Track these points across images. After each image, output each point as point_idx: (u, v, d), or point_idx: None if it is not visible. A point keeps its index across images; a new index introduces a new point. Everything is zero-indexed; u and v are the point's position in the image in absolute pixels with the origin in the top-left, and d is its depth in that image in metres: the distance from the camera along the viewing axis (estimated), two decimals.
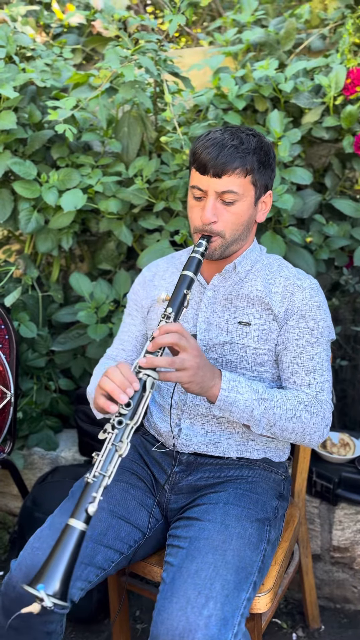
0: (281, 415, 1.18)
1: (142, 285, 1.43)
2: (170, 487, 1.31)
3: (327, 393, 1.25)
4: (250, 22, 2.15)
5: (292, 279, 1.28)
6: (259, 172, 1.21)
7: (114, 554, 1.20)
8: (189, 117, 1.91)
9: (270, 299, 1.26)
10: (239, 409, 1.16)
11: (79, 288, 1.89)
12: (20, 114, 1.89)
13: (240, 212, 1.21)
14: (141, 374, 1.08)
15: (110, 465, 1.03)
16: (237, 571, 1.08)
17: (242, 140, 1.19)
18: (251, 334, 1.27)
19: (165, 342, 1.08)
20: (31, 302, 1.99)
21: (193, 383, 1.10)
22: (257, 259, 1.32)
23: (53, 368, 2.03)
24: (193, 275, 1.16)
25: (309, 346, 1.25)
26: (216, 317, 1.30)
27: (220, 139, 1.19)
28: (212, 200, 1.19)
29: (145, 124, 1.85)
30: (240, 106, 1.84)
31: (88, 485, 1.01)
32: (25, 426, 1.96)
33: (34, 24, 2.32)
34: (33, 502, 1.77)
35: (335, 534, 1.70)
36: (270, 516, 1.24)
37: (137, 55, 1.64)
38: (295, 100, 1.83)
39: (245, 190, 1.20)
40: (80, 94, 1.86)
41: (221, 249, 1.23)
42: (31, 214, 1.87)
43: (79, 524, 0.98)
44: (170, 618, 1.01)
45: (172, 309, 1.13)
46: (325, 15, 2.12)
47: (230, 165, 1.17)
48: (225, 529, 1.14)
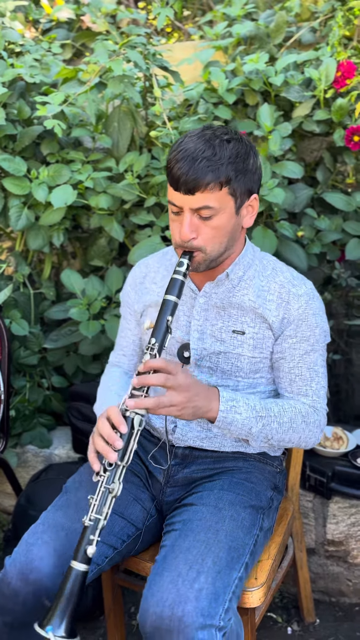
0: (278, 429, 1.21)
1: (133, 287, 1.41)
2: (166, 480, 1.31)
3: (323, 400, 1.27)
4: (241, 16, 2.14)
5: (287, 285, 1.25)
6: (237, 181, 1.14)
7: (108, 549, 1.20)
8: (179, 112, 1.90)
9: (264, 309, 1.24)
10: (238, 427, 1.18)
11: (70, 285, 1.88)
12: (9, 110, 1.88)
13: (220, 226, 1.15)
14: (129, 412, 1.10)
15: (105, 507, 1.07)
16: (229, 550, 1.10)
17: (215, 150, 1.11)
18: (246, 342, 1.25)
19: (150, 382, 1.09)
20: (23, 300, 1.97)
21: (184, 414, 1.12)
22: (249, 263, 1.28)
23: (46, 365, 2.02)
24: (176, 299, 1.14)
25: (306, 355, 1.25)
26: (209, 325, 1.27)
27: (192, 150, 1.11)
28: (188, 217, 1.13)
29: (136, 119, 1.84)
30: (230, 100, 1.83)
31: (86, 529, 1.06)
32: (18, 424, 1.95)
33: (23, 19, 2.31)
34: (27, 500, 1.76)
35: (329, 528, 1.70)
36: (264, 505, 1.26)
37: (125, 49, 1.63)
38: (285, 93, 1.83)
39: (222, 203, 1.13)
40: (69, 89, 1.84)
41: (205, 263, 1.19)
42: (21, 210, 1.86)
43: (81, 566, 1.05)
44: (160, 590, 1.02)
45: (155, 340, 1.12)
46: (316, 8, 2.12)
47: (202, 180, 1.09)
48: (219, 511, 1.17)
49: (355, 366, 2.04)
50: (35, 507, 1.71)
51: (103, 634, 1.67)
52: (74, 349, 2.00)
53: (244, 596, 1.17)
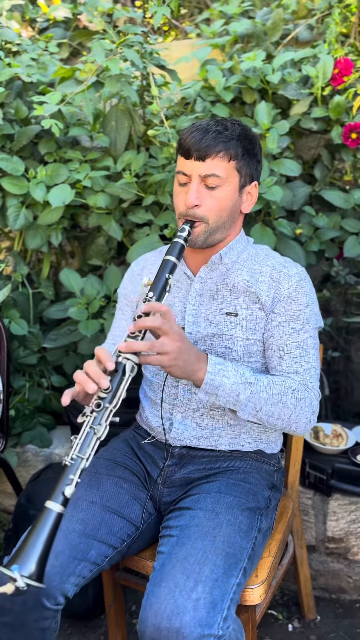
0: (267, 400, 1.17)
1: (130, 279, 1.43)
2: (163, 481, 1.31)
3: (315, 380, 1.24)
4: (237, 14, 2.14)
5: (278, 267, 1.28)
6: (243, 159, 1.23)
7: (108, 549, 1.20)
8: (177, 110, 1.90)
9: (257, 288, 1.26)
10: (225, 392, 1.15)
11: (69, 284, 1.88)
12: (7, 110, 1.88)
13: (224, 197, 1.22)
14: (121, 357, 1.08)
15: (88, 448, 1.02)
16: (227, 556, 1.09)
17: (227, 126, 1.22)
18: (239, 324, 1.27)
19: (146, 324, 1.07)
20: (22, 300, 1.97)
21: (175, 367, 1.09)
22: (243, 249, 1.32)
23: (45, 365, 2.02)
24: (175, 260, 1.16)
25: (295, 333, 1.25)
26: (203, 309, 1.29)
27: (205, 125, 1.22)
28: (195, 184, 1.21)
29: (133, 118, 1.84)
30: (227, 98, 1.83)
31: (66, 468, 1.01)
32: (18, 424, 1.95)
33: (20, 18, 2.31)
34: (27, 499, 1.76)
35: (329, 525, 1.70)
36: (262, 505, 1.25)
37: (122, 48, 1.63)
38: (283, 91, 1.83)
39: (229, 175, 1.21)
40: (66, 89, 1.84)
41: (204, 235, 1.23)
42: (19, 210, 1.86)
43: (56, 506, 0.97)
44: (158, 602, 1.01)
45: (153, 293, 1.12)
46: (312, 6, 2.11)
47: (214, 148, 1.19)
48: (216, 516, 1.15)
49: (354, 363, 2.04)
50: (36, 506, 1.71)
51: (104, 632, 1.67)
52: (73, 348, 2.00)
53: (244, 594, 1.17)
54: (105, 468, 1.31)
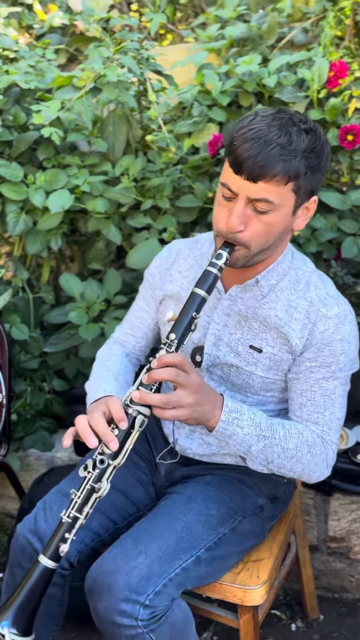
0: (280, 454, 1.10)
1: (159, 269, 1.30)
2: (165, 474, 1.33)
3: (335, 432, 1.16)
4: (233, 18, 2.15)
5: (317, 304, 1.12)
6: (305, 178, 1.01)
7: (109, 523, 1.23)
8: (174, 115, 1.91)
9: (289, 329, 1.12)
10: (237, 442, 1.09)
11: (69, 288, 1.90)
12: (5, 116, 1.89)
13: (273, 223, 1.03)
14: (131, 409, 1.02)
15: (87, 507, 1.03)
16: (180, 540, 1.11)
17: (292, 138, 0.98)
18: (261, 362, 1.16)
19: (161, 377, 1.00)
20: (22, 304, 1.99)
21: (190, 420, 1.04)
22: (285, 272, 1.15)
23: (46, 369, 2.03)
24: (205, 294, 1.03)
25: (324, 380, 1.13)
26: (227, 333, 1.18)
27: (264, 132, 0.97)
28: (241, 206, 1.01)
29: (131, 123, 1.86)
30: (224, 102, 1.84)
31: (62, 525, 1.03)
32: (20, 428, 1.96)
33: (17, 25, 2.32)
34: (30, 503, 1.77)
35: (331, 525, 1.71)
36: (246, 509, 1.23)
37: (119, 55, 1.64)
38: (279, 94, 1.84)
39: (284, 199, 1.01)
40: (64, 95, 1.86)
41: (244, 260, 1.08)
42: (19, 215, 1.87)
43: (49, 563, 1.02)
44: (104, 560, 1.08)
45: (175, 336, 1.02)
46: (307, 9, 2.13)
47: (271, 169, 0.97)
48: (188, 502, 1.18)
49: None
50: None
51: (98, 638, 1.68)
52: (74, 352, 2.02)
53: (245, 594, 1.18)
54: None
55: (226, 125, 1.89)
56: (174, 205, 1.85)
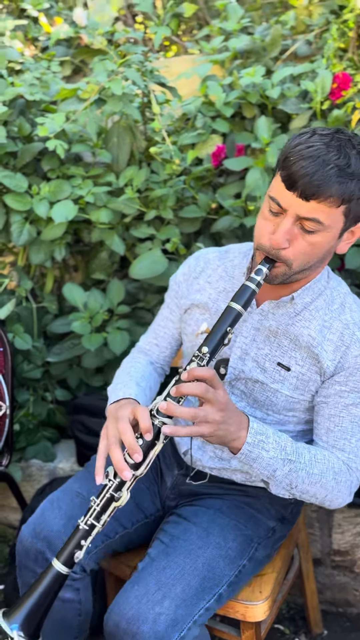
0: (305, 479, 1.08)
1: (186, 277, 1.28)
2: (172, 486, 1.31)
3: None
4: (237, 30, 2.17)
5: (352, 327, 1.10)
6: (358, 202, 0.99)
7: (119, 526, 1.22)
8: (178, 126, 1.92)
9: (321, 350, 1.10)
10: (262, 465, 1.06)
11: (72, 298, 1.90)
12: (10, 127, 1.91)
13: (319, 244, 1.01)
14: (157, 420, 1.00)
15: (105, 515, 1.01)
16: (203, 580, 1.08)
17: (350, 161, 0.95)
18: (288, 380, 1.14)
19: (190, 392, 0.98)
20: (25, 314, 1.99)
21: (214, 437, 1.01)
22: (321, 291, 1.13)
23: (49, 379, 2.03)
24: (241, 309, 1.01)
25: (353, 406, 1.11)
26: (255, 347, 1.15)
27: (323, 151, 0.95)
28: (289, 223, 0.99)
29: (135, 134, 1.87)
30: (228, 113, 1.85)
31: (78, 531, 1.01)
32: (22, 438, 1.96)
33: (23, 37, 2.35)
34: (32, 514, 1.76)
35: (335, 538, 1.69)
36: (261, 534, 1.22)
37: (123, 68, 1.65)
38: (282, 106, 1.85)
39: (333, 221, 0.99)
40: (69, 106, 1.87)
41: (283, 277, 1.06)
42: (23, 226, 1.88)
43: (63, 568, 1.00)
44: (125, 603, 1.04)
45: (207, 349, 1.00)
46: (310, 21, 2.14)
47: (326, 190, 0.94)
48: (206, 536, 1.14)
49: None
50: None
51: None
52: (77, 362, 2.01)
53: (247, 610, 1.17)
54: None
55: (229, 137, 1.90)
56: (178, 216, 1.86)
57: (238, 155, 1.83)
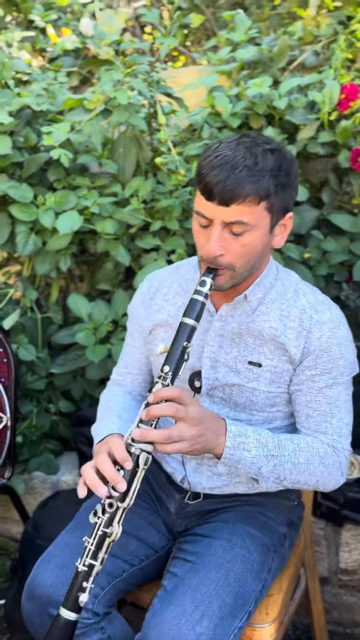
0: (292, 470, 1.10)
1: (142, 301, 1.30)
2: (177, 512, 1.28)
3: (346, 438, 1.16)
4: (244, 41, 2.16)
5: (309, 311, 1.13)
6: (277, 196, 1.03)
7: (124, 564, 1.18)
8: (184, 137, 1.91)
9: (285, 338, 1.12)
10: (246, 465, 1.08)
11: (77, 309, 1.89)
12: (16, 138, 1.90)
13: (252, 243, 1.05)
14: (134, 448, 1.01)
15: (101, 552, 1.00)
16: (236, 596, 1.07)
17: (257, 159, 1.00)
18: (262, 376, 1.15)
19: (160, 413, 0.99)
20: (30, 324, 1.98)
21: (194, 451, 1.03)
22: (271, 284, 1.16)
23: (53, 390, 2.01)
24: (194, 322, 1.03)
25: (327, 388, 1.13)
26: (223, 353, 1.17)
27: (230, 157, 0.99)
28: (218, 231, 1.03)
29: (141, 145, 1.86)
30: (234, 124, 1.84)
31: (78, 574, 1.00)
32: (25, 450, 1.94)
33: (30, 48, 2.36)
34: (34, 528, 1.74)
35: (342, 556, 1.66)
36: (276, 543, 1.21)
37: (129, 78, 1.65)
38: (289, 116, 1.83)
39: (258, 219, 1.03)
40: (75, 117, 1.87)
41: (231, 281, 1.09)
42: (28, 236, 1.87)
43: (71, 615, 0.99)
44: (162, 623, 1.00)
45: (169, 368, 1.02)
46: (318, 32, 2.13)
47: (241, 191, 0.98)
48: (231, 548, 1.13)
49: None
50: (43, 535, 1.69)
51: None
52: (81, 373, 2.00)
53: (254, 633, 1.13)
54: None
55: None
56: (183, 227, 1.84)
57: None
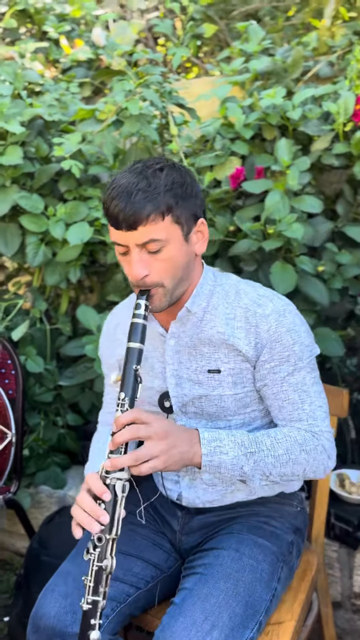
0: (275, 463, 1.10)
1: (105, 339, 1.33)
2: (181, 528, 1.27)
3: (322, 420, 1.15)
4: (257, 52, 2.15)
5: (252, 307, 1.14)
6: (179, 207, 1.08)
7: (129, 588, 1.16)
8: (196, 148, 1.89)
9: (235, 339, 1.14)
10: (227, 468, 1.07)
11: (86, 321, 1.86)
12: (28, 148, 1.90)
13: (172, 257, 1.08)
14: (109, 479, 1.01)
15: (101, 587, 0.99)
16: (246, 606, 1.06)
17: (149, 180, 1.06)
18: (224, 381, 1.16)
19: (123, 439, 1.00)
20: (39, 336, 1.96)
21: (170, 466, 1.02)
22: (211, 291, 1.18)
23: (61, 403, 1.99)
24: (139, 345, 1.05)
25: (289, 376, 1.14)
26: (184, 368, 1.19)
27: (125, 185, 1.06)
28: (136, 254, 1.07)
29: (152, 156, 1.84)
30: (247, 135, 1.82)
31: (85, 614, 0.99)
32: (32, 463, 1.91)
33: (44, 59, 2.36)
34: (40, 543, 1.71)
35: (356, 580, 1.60)
36: (284, 551, 1.19)
37: (141, 89, 1.64)
38: (303, 127, 1.81)
39: (169, 233, 1.07)
40: (87, 127, 1.86)
41: (167, 299, 1.11)
42: (39, 247, 1.86)
43: None
44: (172, 636, 1.00)
45: (124, 394, 1.03)
46: (333, 43, 2.11)
47: (142, 213, 1.04)
48: (240, 558, 1.13)
49: None
50: (48, 551, 1.65)
51: None
52: (89, 385, 1.97)
53: None
54: None
55: (249, 159, 1.86)
56: None
57: (257, 177, 1.79)
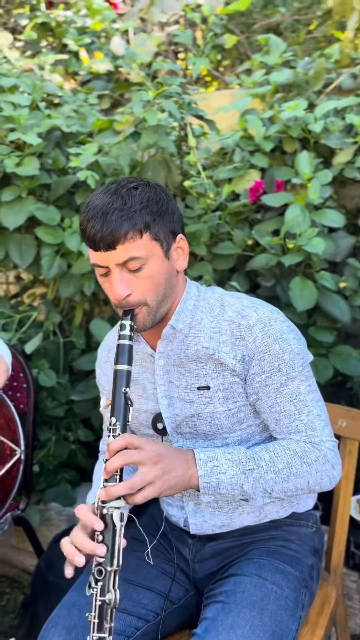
0: (275, 479, 1.05)
1: (100, 367, 1.31)
2: (192, 556, 1.21)
3: (322, 430, 1.10)
4: (278, 64, 2.12)
5: (236, 320, 1.11)
6: (157, 224, 1.06)
7: (137, 621, 1.11)
8: (215, 160, 1.86)
9: (220, 353, 1.11)
10: (227, 488, 1.03)
11: (99, 334, 1.83)
12: (45, 160, 1.89)
13: (154, 274, 1.06)
14: (105, 508, 0.97)
15: (106, 622, 0.94)
16: (273, 636, 1.01)
17: (124, 199, 1.04)
18: (214, 397, 1.13)
19: (115, 466, 0.96)
20: (52, 348, 1.93)
21: (166, 491, 0.98)
22: (195, 306, 1.15)
23: (72, 417, 1.95)
24: (127, 367, 1.03)
25: (283, 387, 1.09)
26: (174, 387, 1.16)
27: (100, 205, 1.04)
28: (117, 274, 1.05)
29: (170, 168, 1.81)
30: (267, 148, 1.78)
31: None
32: (42, 479, 1.87)
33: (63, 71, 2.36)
34: (47, 564, 1.66)
35: None
36: (306, 576, 1.14)
37: (160, 99, 1.61)
38: (325, 140, 1.77)
39: (148, 250, 1.05)
40: (104, 139, 1.84)
41: (150, 317, 1.09)
42: (54, 259, 1.84)
43: None
44: None
45: (115, 418, 1.00)
46: (356, 55, 2.08)
47: (119, 232, 1.02)
48: (263, 584, 1.08)
49: None
50: (56, 572, 1.61)
51: None
52: None
53: None
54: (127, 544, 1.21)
55: (268, 171, 1.82)
56: (211, 252, 1.78)
57: (277, 190, 1.75)
